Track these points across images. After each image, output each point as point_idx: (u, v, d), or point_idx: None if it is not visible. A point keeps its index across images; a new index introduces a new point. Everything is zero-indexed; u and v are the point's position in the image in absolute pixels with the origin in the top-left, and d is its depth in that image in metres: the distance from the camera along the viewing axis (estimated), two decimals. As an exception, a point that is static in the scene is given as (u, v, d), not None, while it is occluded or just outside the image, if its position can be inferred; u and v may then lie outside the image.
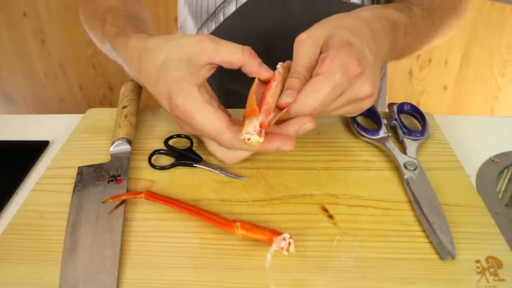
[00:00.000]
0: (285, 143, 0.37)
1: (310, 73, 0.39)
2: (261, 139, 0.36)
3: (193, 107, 0.38)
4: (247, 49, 0.40)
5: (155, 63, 0.41)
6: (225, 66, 0.41)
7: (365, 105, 0.41)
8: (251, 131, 0.36)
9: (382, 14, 0.46)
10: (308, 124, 0.38)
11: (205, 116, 0.38)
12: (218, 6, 0.63)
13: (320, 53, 0.40)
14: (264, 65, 0.40)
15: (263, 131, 0.36)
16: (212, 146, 0.44)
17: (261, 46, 0.59)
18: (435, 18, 0.55)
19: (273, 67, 0.42)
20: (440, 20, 0.56)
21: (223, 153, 0.43)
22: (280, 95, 0.39)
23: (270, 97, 0.38)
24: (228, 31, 0.42)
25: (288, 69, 0.41)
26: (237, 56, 0.40)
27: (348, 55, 0.37)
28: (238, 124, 0.39)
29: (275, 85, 0.39)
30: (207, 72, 0.41)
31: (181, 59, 0.40)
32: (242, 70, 0.41)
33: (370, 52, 0.39)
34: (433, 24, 0.55)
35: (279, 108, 0.38)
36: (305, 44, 0.40)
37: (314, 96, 0.37)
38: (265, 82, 0.41)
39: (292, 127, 0.38)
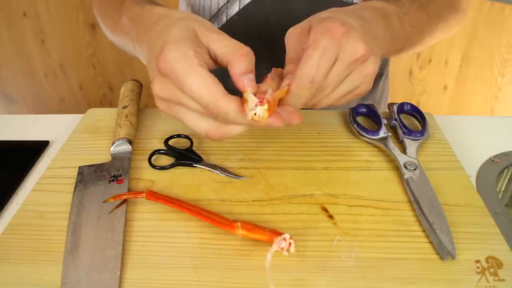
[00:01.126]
0: (292, 117, 0.36)
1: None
2: (265, 106, 0.34)
3: (186, 69, 0.35)
4: (243, 48, 0.37)
5: (164, 25, 0.39)
6: (218, 57, 0.38)
7: (368, 69, 0.38)
8: (253, 106, 0.34)
9: (366, 5, 0.45)
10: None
11: (200, 80, 0.34)
12: (221, 7, 0.63)
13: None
14: (250, 76, 0.36)
15: (265, 99, 0.34)
16: (192, 118, 0.38)
17: (263, 46, 0.59)
18: (430, 12, 0.54)
19: (275, 67, 0.41)
20: (436, 14, 0.56)
21: (210, 126, 0.38)
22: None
23: (263, 87, 0.37)
24: (230, 31, 0.42)
25: (281, 76, 0.40)
26: (230, 51, 0.37)
27: (330, 22, 0.37)
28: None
29: (267, 80, 0.38)
30: (206, 55, 0.38)
31: (187, 26, 0.38)
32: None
33: (355, 22, 0.39)
34: (429, 18, 0.54)
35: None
36: (293, 34, 0.40)
37: (307, 65, 0.36)
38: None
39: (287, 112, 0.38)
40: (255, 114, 0.34)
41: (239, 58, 0.36)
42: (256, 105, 0.34)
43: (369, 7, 0.45)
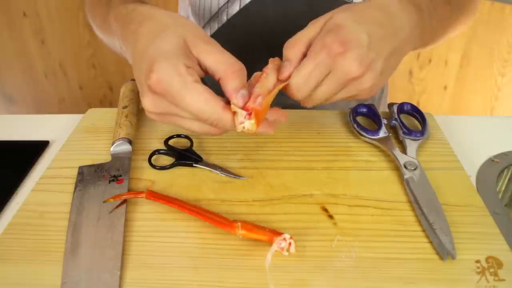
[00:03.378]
0: (280, 117, 0.39)
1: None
2: (252, 121, 0.36)
3: (182, 88, 0.35)
4: (235, 65, 0.37)
5: (150, 31, 0.39)
6: (209, 70, 0.38)
7: (364, 85, 0.39)
8: (242, 119, 0.36)
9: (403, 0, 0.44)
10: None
11: (198, 97, 0.35)
12: (222, 6, 0.63)
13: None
14: (243, 92, 0.36)
15: (253, 113, 0.36)
16: (189, 123, 0.39)
17: (264, 46, 0.59)
18: (454, 5, 0.55)
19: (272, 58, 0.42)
20: (458, 7, 0.56)
21: (209, 128, 0.39)
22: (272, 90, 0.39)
23: (258, 88, 0.38)
24: (231, 31, 0.41)
25: (279, 68, 0.41)
26: (221, 67, 0.37)
27: (333, 36, 0.37)
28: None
29: (264, 77, 0.39)
30: (196, 67, 0.38)
31: (176, 36, 0.37)
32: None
33: (368, 34, 0.38)
34: (452, 11, 0.54)
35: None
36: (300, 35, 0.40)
37: (298, 73, 0.38)
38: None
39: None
40: (243, 127, 0.36)
41: (232, 76, 0.36)
42: (245, 118, 0.36)
43: (407, 1, 0.44)
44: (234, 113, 0.37)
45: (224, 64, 0.37)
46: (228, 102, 0.37)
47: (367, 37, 0.38)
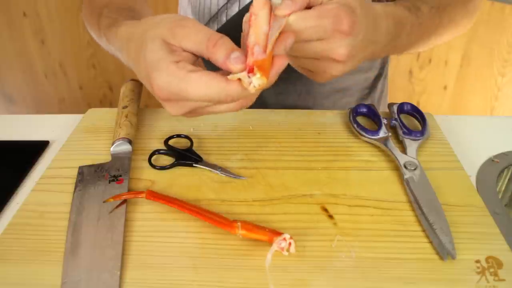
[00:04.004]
0: (285, 38, 0.36)
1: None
2: (258, 74, 0.33)
3: (180, 83, 0.35)
4: (213, 39, 0.35)
5: (136, 47, 0.40)
6: (196, 53, 0.37)
7: (334, 71, 0.40)
8: (248, 79, 0.34)
9: (390, 13, 0.46)
10: (290, 39, 0.36)
11: (198, 84, 0.35)
12: (221, 7, 0.62)
13: None
14: (235, 55, 0.35)
15: (254, 67, 0.33)
16: (209, 109, 0.39)
17: None
18: (444, 16, 0.55)
19: None
20: (448, 18, 0.57)
21: (230, 105, 0.39)
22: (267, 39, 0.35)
23: (253, 35, 0.34)
24: (230, 32, 0.41)
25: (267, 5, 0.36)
26: (202, 47, 0.36)
27: (347, 14, 0.38)
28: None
29: (254, 19, 0.35)
30: (184, 53, 0.37)
31: (154, 40, 0.37)
32: None
33: (364, 32, 0.40)
34: (440, 22, 0.55)
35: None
36: None
37: (303, 17, 0.37)
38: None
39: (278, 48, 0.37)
40: (254, 86, 0.34)
41: (214, 50, 0.35)
42: (249, 76, 0.34)
43: (392, 17, 0.46)
44: (240, 80, 0.34)
45: (204, 42, 0.36)
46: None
47: (363, 34, 0.40)
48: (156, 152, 0.50)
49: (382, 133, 0.51)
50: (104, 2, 0.54)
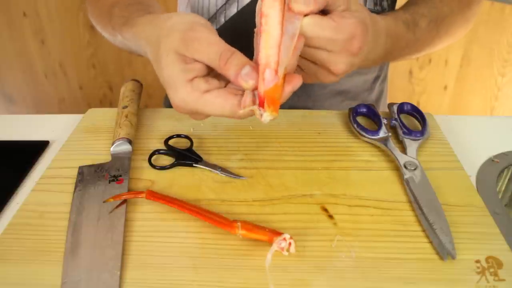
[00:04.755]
0: (294, 84, 0.36)
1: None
2: (267, 112, 0.34)
3: (196, 105, 0.37)
4: (224, 57, 0.36)
5: (153, 54, 0.41)
6: (208, 65, 0.38)
7: (324, 79, 0.41)
8: (260, 112, 0.35)
9: (391, 30, 0.47)
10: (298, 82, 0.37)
11: (213, 105, 0.37)
12: (220, 8, 0.62)
13: None
14: (245, 70, 0.35)
15: (265, 102, 0.34)
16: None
17: None
18: (441, 29, 0.56)
19: None
20: (446, 29, 0.58)
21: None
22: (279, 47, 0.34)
23: (264, 51, 0.33)
24: (228, 33, 0.42)
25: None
26: (215, 63, 0.37)
27: (361, 35, 0.38)
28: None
29: (264, 25, 0.33)
30: (197, 65, 0.38)
31: (168, 54, 0.38)
32: None
33: (367, 51, 0.41)
34: (437, 34, 0.56)
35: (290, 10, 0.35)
36: None
37: (315, 27, 0.36)
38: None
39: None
40: (265, 121, 0.35)
41: (225, 67, 0.36)
42: (260, 110, 0.35)
43: (390, 35, 0.47)
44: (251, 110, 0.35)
45: (216, 59, 0.36)
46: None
47: (365, 55, 0.41)
48: (156, 152, 0.50)
49: (382, 133, 0.51)
50: (111, 1, 0.54)
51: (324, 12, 0.38)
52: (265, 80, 0.34)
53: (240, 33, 0.63)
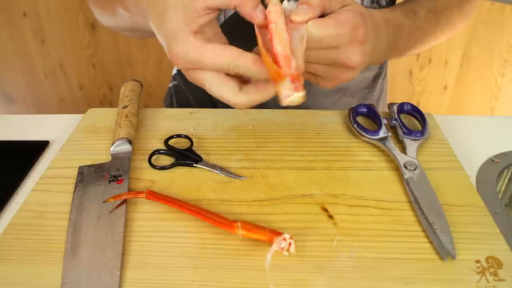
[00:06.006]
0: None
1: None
2: (302, 93, 0.35)
3: (196, 53, 0.37)
4: None
5: (156, 11, 0.41)
6: (222, 7, 0.39)
7: (345, 77, 0.41)
8: (289, 93, 0.35)
9: (390, 19, 0.48)
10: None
11: (212, 52, 0.37)
12: None
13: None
14: (259, 7, 0.37)
15: (299, 84, 0.35)
16: (228, 93, 0.39)
17: None
18: (441, 18, 0.56)
19: None
20: (445, 20, 0.58)
21: (248, 98, 0.39)
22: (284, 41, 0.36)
23: (279, 45, 0.36)
24: (228, 32, 0.42)
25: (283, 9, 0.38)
26: (230, 2, 0.37)
27: (363, 23, 0.39)
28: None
29: (274, 29, 0.36)
30: (205, 18, 0.39)
31: (175, 6, 0.38)
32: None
33: (375, 42, 0.42)
34: (438, 25, 0.57)
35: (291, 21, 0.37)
36: None
37: (318, 28, 0.37)
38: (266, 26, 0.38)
39: None
40: (290, 100, 0.35)
41: (244, 1, 0.37)
42: (291, 89, 0.35)
43: (391, 24, 0.47)
44: (276, 81, 0.35)
45: None
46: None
47: (372, 42, 0.41)
48: (156, 152, 0.50)
49: (382, 133, 0.51)
50: None
51: (322, 16, 0.39)
52: (291, 67, 0.35)
53: (238, 32, 0.63)
